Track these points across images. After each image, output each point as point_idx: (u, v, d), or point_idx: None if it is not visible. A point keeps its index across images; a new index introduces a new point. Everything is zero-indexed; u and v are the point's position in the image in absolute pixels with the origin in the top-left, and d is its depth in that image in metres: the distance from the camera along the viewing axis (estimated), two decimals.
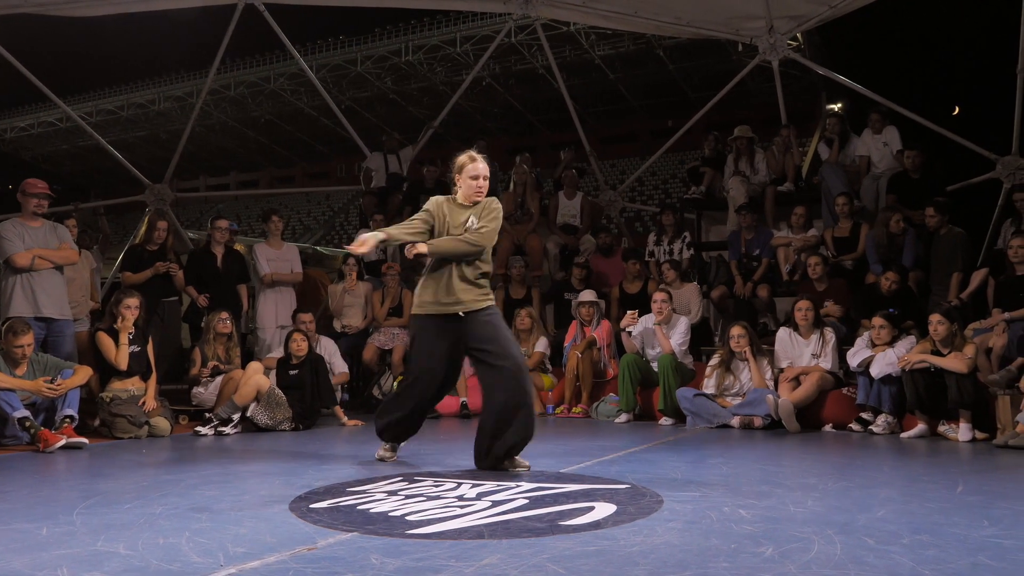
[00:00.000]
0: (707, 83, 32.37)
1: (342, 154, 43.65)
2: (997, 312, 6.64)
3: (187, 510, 3.28)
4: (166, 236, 7.89)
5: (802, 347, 6.91)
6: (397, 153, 11.30)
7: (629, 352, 7.47)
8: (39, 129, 43.92)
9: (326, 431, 6.56)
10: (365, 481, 3.95)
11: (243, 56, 38.43)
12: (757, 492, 3.66)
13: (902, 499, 3.58)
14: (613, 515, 3.14)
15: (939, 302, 7.00)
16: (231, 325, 7.14)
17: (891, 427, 6.20)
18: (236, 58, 38.29)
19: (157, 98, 41.17)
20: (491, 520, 3.05)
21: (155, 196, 10.77)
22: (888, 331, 6.41)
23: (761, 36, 10.73)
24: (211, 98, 38.04)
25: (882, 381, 6.24)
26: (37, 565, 2.46)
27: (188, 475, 4.23)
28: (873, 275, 7.75)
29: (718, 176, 10.15)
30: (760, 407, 6.55)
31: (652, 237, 9.50)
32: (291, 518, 3.13)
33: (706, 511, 3.22)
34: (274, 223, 8.44)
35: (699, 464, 4.61)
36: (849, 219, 8.36)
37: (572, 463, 4.50)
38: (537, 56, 33.82)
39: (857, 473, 4.39)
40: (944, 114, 18.77)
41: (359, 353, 8.60)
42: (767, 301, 8.40)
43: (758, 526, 2.95)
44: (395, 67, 37.14)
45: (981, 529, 2.93)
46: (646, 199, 32.60)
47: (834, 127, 9.61)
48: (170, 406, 6.62)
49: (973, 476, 4.23)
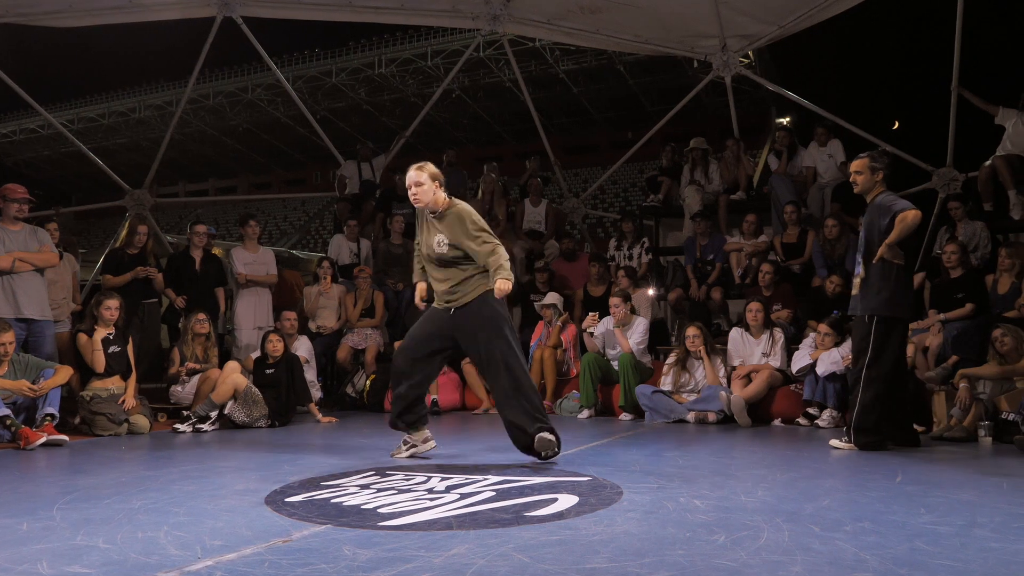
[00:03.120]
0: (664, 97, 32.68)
1: (317, 162, 43.35)
2: (933, 313, 6.76)
3: (165, 504, 3.23)
4: (146, 240, 7.78)
5: (753, 346, 6.99)
6: (370, 161, 11.25)
7: (591, 351, 7.50)
8: (21, 135, 43.06)
9: (301, 428, 6.51)
10: (338, 475, 3.93)
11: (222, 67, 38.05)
12: (711, 483, 3.70)
13: (845, 489, 3.63)
14: (575, 506, 3.15)
15: None
16: (208, 326, 7.06)
17: (836, 421, 6.28)
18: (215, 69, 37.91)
19: (138, 106, 40.57)
20: (460, 512, 3.04)
21: (135, 201, 10.61)
22: (832, 338, 6.50)
23: (715, 53, 10.84)
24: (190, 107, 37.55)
25: (827, 378, 6.33)
26: (17, 559, 2.41)
27: (166, 471, 4.18)
28: (819, 279, 7.86)
29: (675, 185, 10.23)
30: (714, 403, 6.60)
31: (613, 242, 9.54)
32: (267, 511, 3.09)
33: (663, 501, 3.24)
34: (251, 227, 8.35)
35: (657, 457, 4.63)
36: (797, 226, 8.46)
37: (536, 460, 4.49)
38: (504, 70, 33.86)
39: (804, 464, 4.44)
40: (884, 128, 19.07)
41: (333, 353, 8.54)
42: (720, 303, 8.48)
43: (712, 515, 2.98)
44: (369, 79, 36.96)
45: (918, 516, 2.98)
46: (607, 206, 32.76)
47: (783, 140, 9.72)
48: (149, 404, 6.54)
49: (911, 467, 4.30)
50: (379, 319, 8.60)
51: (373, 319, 8.53)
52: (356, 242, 9.58)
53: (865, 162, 5.13)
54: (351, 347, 8.42)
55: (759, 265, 8.08)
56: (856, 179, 5.16)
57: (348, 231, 9.60)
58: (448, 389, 7.93)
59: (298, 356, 7.12)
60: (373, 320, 8.52)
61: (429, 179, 4.40)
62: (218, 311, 7.95)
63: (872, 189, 5.13)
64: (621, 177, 36.22)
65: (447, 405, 7.84)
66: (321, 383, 8.19)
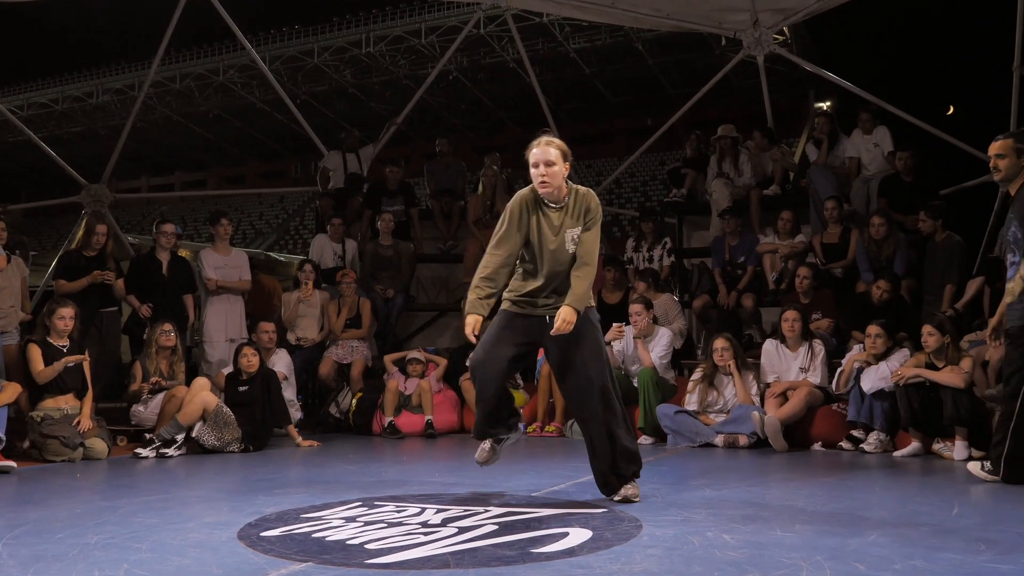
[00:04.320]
0: (689, 79, 32.64)
1: (297, 152, 43.38)
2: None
3: (125, 540, 3.23)
4: (105, 241, 7.78)
5: (789, 360, 6.97)
6: (357, 152, 11.26)
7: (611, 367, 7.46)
8: None
9: (279, 453, 6.50)
10: (321, 507, 3.93)
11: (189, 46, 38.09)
12: (742, 516, 3.68)
13: (895, 522, 3.62)
14: (589, 541, 3.14)
15: (932, 312, 7.08)
16: (175, 338, 7.06)
17: (883, 445, 6.26)
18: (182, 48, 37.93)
19: (95, 91, 40.64)
20: (457, 548, 3.04)
21: (92, 197, 10.64)
22: (884, 340, 6.47)
23: (745, 30, 10.84)
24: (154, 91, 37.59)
25: (874, 396, 6.31)
26: None
27: (127, 501, 4.18)
28: (864, 284, 7.85)
29: (700, 178, 10.22)
30: (745, 424, 6.59)
31: (631, 243, 9.54)
32: (240, 547, 3.09)
33: (688, 536, 3.24)
34: (222, 227, 8.36)
35: (680, 486, 4.63)
36: (838, 224, 8.45)
37: (544, 485, 4.50)
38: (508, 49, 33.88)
39: (847, 495, 4.43)
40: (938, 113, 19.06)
41: (315, 368, 8.54)
42: (752, 311, 8.46)
43: (743, 552, 2.97)
44: (355, 59, 37.01)
45: (977, 554, 2.97)
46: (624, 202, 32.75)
47: (823, 127, 9.69)
48: (107, 426, 6.53)
49: (969, 497, 4.28)
50: (366, 330, 8.60)
51: (360, 330, 8.53)
52: (341, 243, 9.59)
53: (1009, 143, 4.88)
54: (335, 361, 8.42)
55: (796, 268, 8.07)
56: (998, 164, 4.91)
57: (332, 230, 9.62)
58: (444, 409, 7.93)
59: (275, 372, 7.13)
60: (360, 331, 8.53)
61: (560, 157, 4.10)
62: (187, 321, 7.96)
63: (1018, 176, 4.89)
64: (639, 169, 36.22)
65: (443, 427, 7.84)
66: (301, 402, 8.19)
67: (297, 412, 7.62)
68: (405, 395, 7.85)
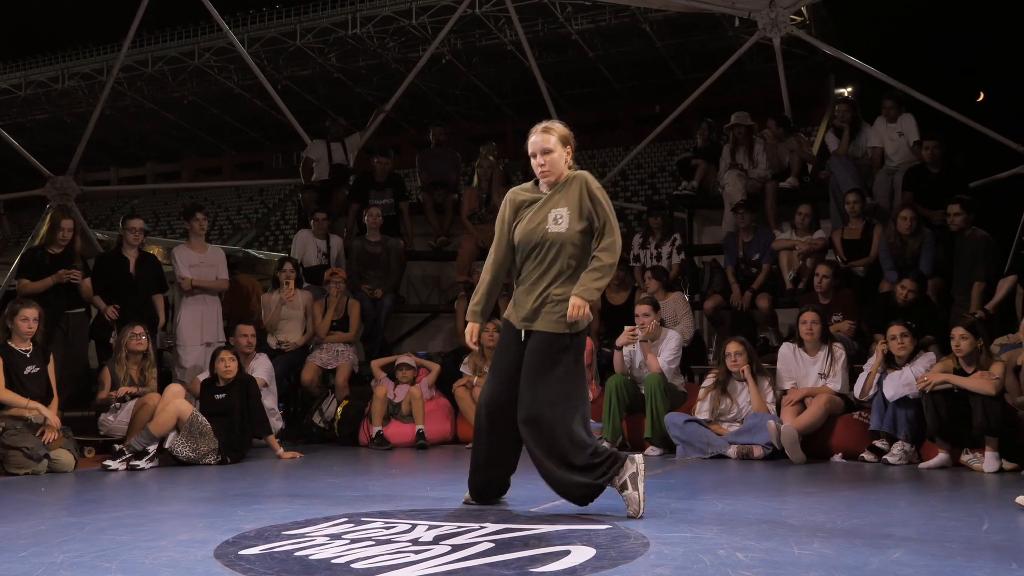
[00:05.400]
0: (700, 63, 32.67)
1: (278, 142, 43.40)
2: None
3: (93, 559, 3.23)
4: (71, 237, 7.79)
5: (808, 365, 6.98)
6: (342, 141, 11.27)
7: (618, 372, 7.48)
8: None
9: (258, 465, 6.50)
10: (303, 523, 3.92)
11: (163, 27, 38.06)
12: (756, 532, 3.69)
13: (920, 539, 3.63)
14: (592, 560, 3.15)
15: (962, 314, 7.08)
16: (146, 341, 7.06)
17: (908, 456, 6.26)
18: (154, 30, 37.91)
19: (61, 75, 40.60)
20: (451, 567, 3.04)
21: (58, 190, 10.64)
22: (910, 340, 6.46)
23: (761, 10, 10.85)
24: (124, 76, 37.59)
25: (898, 404, 6.31)
26: None
27: (95, 517, 4.17)
28: (887, 283, 7.85)
29: (712, 170, 10.23)
30: (760, 434, 6.60)
31: (637, 239, 9.54)
32: (216, 567, 3.09)
33: (698, 554, 3.24)
34: (197, 222, 8.36)
35: (691, 500, 4.63)
36: (860, 219, 8.45)
37: (544, 499, 4.50)
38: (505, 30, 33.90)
39: (870, 509, 4.43)
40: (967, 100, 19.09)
41: (297, 374, 8.54)
42: (768, 313, 8.47)
43: (757, 571, 2.98)
44: (340, 41, 37.00)
45: (1009, 573, 2.98)
46: (630, 195, 32.79)
47: (844, 115, 9.69)
48: (74, 436, 6.51)
49: (1000, 512, 4.29)
50: (353, 333, 8.60)
51: (346, 333, 8.53)
52: (325, 239, 9.60)
53: None
54: (319, 367, 8.42)
55: (814, 267, 8.07)
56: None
57: (315, 226, 9.62)
58: (437, 418, 7.93)
59: (255, 378, 7.12)
60: (347, 334, 8.52)
61: (560, 143, 4.20)
62: (157, 323, 7.96)
63: None
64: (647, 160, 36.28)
65: (435, 437, 7.84)
66: (283, 411, 8.19)
67: (278, 421, 7.62)
68: (394, 403, 7.85)
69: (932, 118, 9.90)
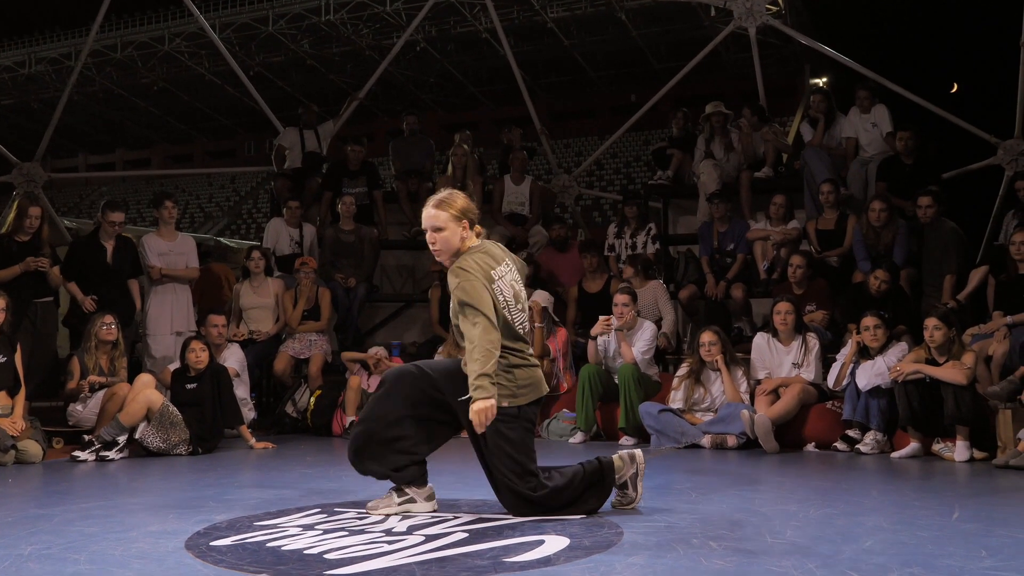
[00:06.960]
0: (675, 52, 32.73)
1: (250, 129, 43.08)
2: (998, 315, 6.81)
3: (62, 551, 3.21)
4: (39, 225, 7.70)
5: (782, 355, 7.03)
6: (315, 128, 11.19)
7: (592, 362, 7.50)
8: None
9: (230, 456, 6.48)
10: (276, 514, 3.92)
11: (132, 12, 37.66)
12: (730, 521, 3.72)
13: (892, 527, 3.66)
14: (566, 550, 3.16)
15: (935, 304, 7.15)
16: (116, 331, 7.00)
17: (880, 446, 6.32)
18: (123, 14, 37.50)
19: (27, 60, 40.10)
20: (425, 557, 3.05)
21: (25, 177, 10.50)
22: (883, 332, 6.51)
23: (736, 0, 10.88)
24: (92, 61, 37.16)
25: (871, 394, 6.37)
26: None
27: (63, 509, 4.14)
28: (861, 273, 7.91)
29: (687, 159, 10.25)
30: (734, 424, 6.63)
31: (612, 229, 9.56)
32: (187, 558, 3.08)
33: (672, 544, 3.26)
34: (167, 210, 8.29)
35: (664, 490, 4.65)
36: (835, 209, 8.50)
37: None
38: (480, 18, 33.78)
39: (842, 498, 4.48)
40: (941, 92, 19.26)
41: (269, 364, 8.50)
42: (742, 303, 8.51)
43: (730, 560, 3.00)
44: (313, 27, 36.75)
45: (978, 560, 3.01)
46: (605, 185, 32.85)
47: (818, 105, 9.70)
48: (42, 427, 6.46)
49: (970, 501, 4.34)
50: (325, 322, 8.57)
51: (318, 322, 8.49)
52: (298, 228, 9.54)
53: None
54: (291, 356, 8.37)
55: (789, 257, 8.11)
56: None
57: (288, 214, 9.56)
58: None
59: (226, 368, 7.08)
60: (318, 323, 8.49)
61: (453, 220, 3.81)
62: (133, 310, 7.89)
63: None
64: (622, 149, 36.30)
65: None
66: (255, 401, 8.15)
67: (250, 411, 7.58)
68: (368, 393, 7.82)
69: (906, 109, 9.96)
